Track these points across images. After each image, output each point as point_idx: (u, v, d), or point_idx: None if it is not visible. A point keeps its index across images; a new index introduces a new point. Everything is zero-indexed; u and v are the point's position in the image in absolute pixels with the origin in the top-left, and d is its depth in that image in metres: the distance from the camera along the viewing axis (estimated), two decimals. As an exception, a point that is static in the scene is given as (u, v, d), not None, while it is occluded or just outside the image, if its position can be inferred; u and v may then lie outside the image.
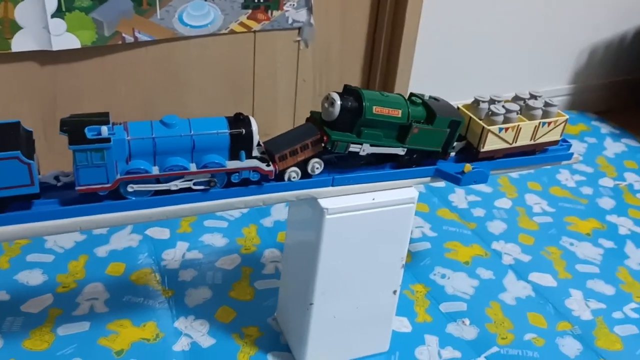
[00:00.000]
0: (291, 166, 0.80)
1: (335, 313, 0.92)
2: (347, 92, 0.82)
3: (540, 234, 1.33)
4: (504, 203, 1.44)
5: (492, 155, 0.92)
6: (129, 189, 0.73)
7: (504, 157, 0.93)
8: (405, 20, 1.49)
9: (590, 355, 1.03)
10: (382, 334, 0.99)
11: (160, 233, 1.23)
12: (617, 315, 1.12)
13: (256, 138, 0.77)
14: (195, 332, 1.00)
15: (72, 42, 1.20)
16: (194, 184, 0.76)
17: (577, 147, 1.71)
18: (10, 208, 0.70)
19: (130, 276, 1.11)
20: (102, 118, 0.72)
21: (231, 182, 0.78)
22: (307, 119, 0.85)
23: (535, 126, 0.92)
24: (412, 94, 0.88)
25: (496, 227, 1.35)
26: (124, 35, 1.25)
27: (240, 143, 0.76)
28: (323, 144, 0.80)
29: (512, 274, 1.21)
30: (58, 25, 1.17)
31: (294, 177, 0.80)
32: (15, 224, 0.70)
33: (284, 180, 0.80)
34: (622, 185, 1.56)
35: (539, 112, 0.93)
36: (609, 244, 1.32)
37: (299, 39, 1.46)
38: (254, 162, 0.77)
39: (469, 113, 0.92)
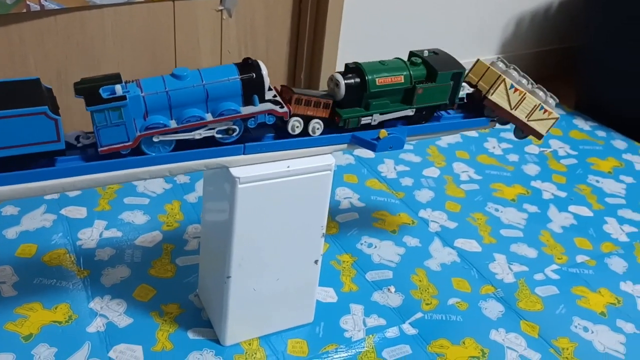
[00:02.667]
0: (300, 115, 0.81)
1: (255, 286, 0.90)
2: (348, 70, 0.85)
3: (466, 201, 1.35)
4: (432, 172, 1.45)
5: (493, 111, 0.95)
6: (154, 140, 0.73)
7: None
8: (331, -13, 1.46)
9: (512, 317, 1.05)
10: (306, 305, 0.98)
11: (77, 212, 1.17)
12: (538, 277, 1.15)
13: (267, 81, 0.77)
14: (112, 312, 0.96)
15: (-31, 10, 1.11)
16: (217, 132, 0.77)
17: (505, 116, 1.73)
18: (36, 164, 0.69)
19: (43, 257, 1.05)
20: (114, 79, 0.72)
21: (248, 129, 0.78)
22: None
23: (536, 105, 0.96)
24: (411, 53, 0.91)
25: (424, 195, 1.35)
26: (28, 2, 1.17)
27: (252, 88, 0.77)
28: (336, 120, 0.84)
29: (438, 240, 1.22)
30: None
31: (297, 127, 0.82)
32: (43, 180, 0.70)
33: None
34: (547, 152, 1.59)
35: (542, 96, 0.98)
36: (533, 208, 1.35)
37: (221, 8, 1.41)
38: (268, 105, 0.78)
39: (487, 64, 0.96)
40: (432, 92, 0.89)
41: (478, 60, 0.99)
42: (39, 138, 0.66)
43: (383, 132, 0.86)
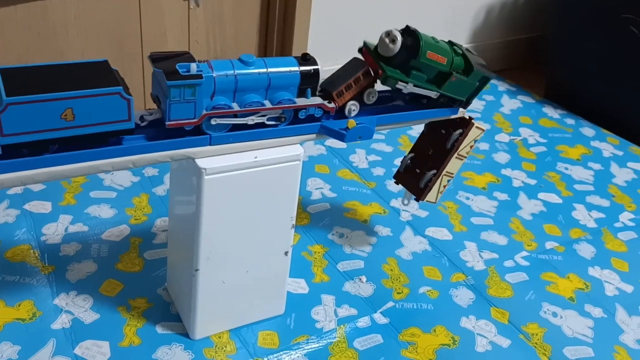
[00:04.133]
0: (348, 100, 0.85)
1: (224, 278, 0.88)
2: (407, 32, 0.86)
3: (438, 190, 1.35)
4: (403, 161, 1.44)
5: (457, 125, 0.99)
6: (212, 122, 0.76)
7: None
8: (299, -24, 1.45)
9: (482, 304, 1.05)
10: (277, 297, 0.97)
11: (41, 207, 1.14)
12: (508, 264, 1.16)
13: (321, 77, 0.82)
14: (77, 308, 0.94)
15: None
16: (267, 119, 0.80)
17: (476, 105, 1.74)
18: (107, 142, 0.72)
19: (5, 253, 1.02)
20: (186, 56, 0.75)
21: (298, 118, 0.83)
22: (359, 49, 0.89)
23: (450, 174, 1.04)
24: (452, 43, 0.92)
25: (395, 185, 1.35)
26: (-14, -9, 1.13)
27: (308, 81, 0.81)
28: (375, 76, 0.85)
29: (409, 229, 1.22)
30: None
31: (354, 110, 0.86)
32: (115, 157, 0.73)
33: (344, 116, 0.86)
34: (517, 140, 1.61)
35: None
36: (503, 196, 1.36)
37: (188, -4, 1.38)
38: (318, 100, 0.83)
39: None
40: (461, 85, 0.92)
41: None
42: (111, 117, 0.69)
43: (352, 122, 0.85)
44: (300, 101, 0.82)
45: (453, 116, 0.98)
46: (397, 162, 1.44)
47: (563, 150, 1.58)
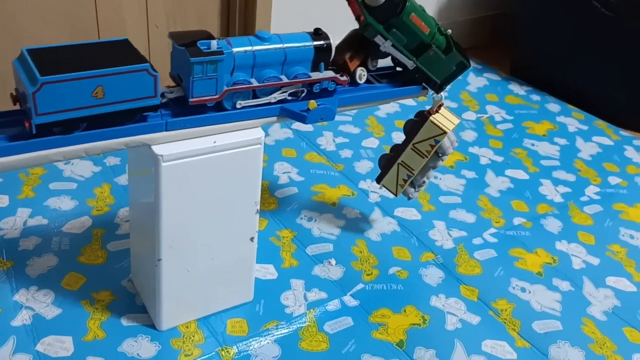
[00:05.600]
0: (357, 67, 0.88)
1: (188, 267, 0.86)
2: None
3: (406, 170, 1.34)
4: (371, 143, 1.44)
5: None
6: (238, 105, 0.80)
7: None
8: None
9: (452, 282, 1.06)
10: (244, 283, 0.95)
11: (-2, 201, 1.11)
12: (477, 241, 1.16)
13: (333, 51, 0.85)
14: (38, 304, 0.91)
15: None
16: (289, 95, 0.83)
17: (442, 84, 1.73)
18: (133, 120, 0.73)
19: (-39, 251, 0.99)
20: (204, 34, 0.77)
21: (313, 92, 0.85)
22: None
23: (414, 171, 1.03)
24: (438, 24, 0.94)
25: (363, 166, 1.34)
26: None
27: (321, 55, 0.84)
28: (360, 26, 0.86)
29: (378, 211, 1.21)
30: None
31: (363, 76, 0.89)
32: (139, 134, 0.74)
33: (356, 83, 0.89)
34: (483, 117, 1.61)
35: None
36: (470, 174, 1.36)
37: (144, -21, 1.34)
38: (331, 73, 0.86)
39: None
40: (437, 63, 0.93)
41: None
42: (138, 94, 0.71)
43: (312, 103, 0.84)
44: (315, 75, 0.84)
45: (416, 95, 0.97)
46: (365, 143, 1.43)
47: (529, 126, 1.59)
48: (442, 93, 0.99)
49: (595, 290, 1.08)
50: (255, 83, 0.80)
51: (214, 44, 0.74)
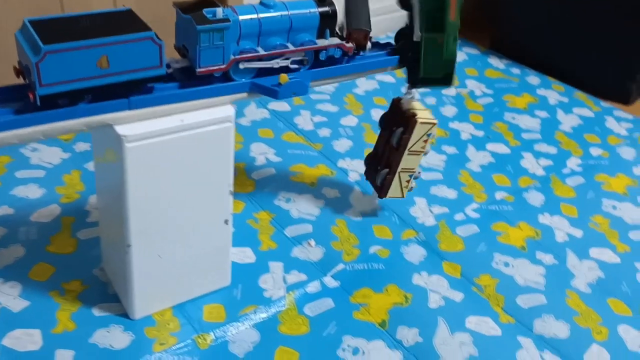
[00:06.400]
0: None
1: (160, 252, 0.83)
2: None
3: (385, 148, 1.32)
4: (350, 121, 1.40)
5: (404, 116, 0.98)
6: (240, 67, 0.78)
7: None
8: None
9: (434, 259, 1.03)
10: (221, 268, 0.92)
11: (-39, 191, 1.06)
12: (458, 217, 1.14)
13: (338, 18, 0.85)
14: (5, 297, 0.87)
15: None
16: (291, 63, 0.82)
17: (421, 59, 1.70)
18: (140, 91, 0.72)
19: None
20: (209, 2, 0.75)
21: (319, 61, 0.84)
22: None
23: (412, 170, 1.03)
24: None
25: (342, 145, 1.31)
26: None
27: (327, 22, 0.83)
28: None
29: (358, 189, 1.18)
30: None
31: (369, 47, 0.88)
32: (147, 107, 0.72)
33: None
34: (463, 92, 1.58)
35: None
36: (451, 149, 1.34)
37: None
38: (337, 40, 0.84)
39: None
40: (434, 55, 0.91)
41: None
42: (143, 64, 0.69)
43: (284, 77, 0.80)
44: (321, 42, 0.83)
45: (392, 68, 0.94)
46: (344, 121, 1.40)
47: (509, 100, 1.56)
48: (414, 92, 0.99)
49: (579, 263, 1.07)
50: (262, 51, 0.79)
51: (219, 12, 0.73)
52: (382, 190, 1.05)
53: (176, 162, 0.77)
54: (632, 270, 1.07)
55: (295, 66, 0.83)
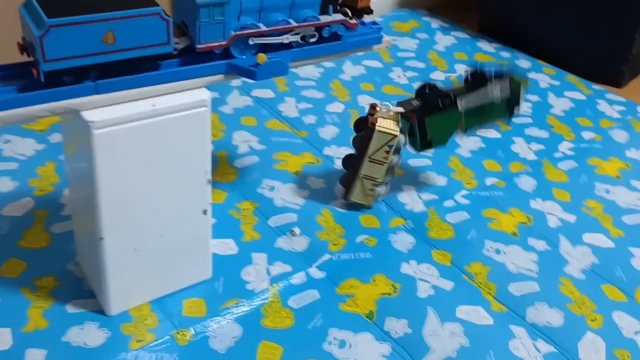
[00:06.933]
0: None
1: (136, 245, 0.79)
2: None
3: (373, 134, 1.28)
4: (336, 107, 1.36)
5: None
6: (250, 42, 0.76)
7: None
8: None
9: (423, 247, 1.00)
10: (201, 260, 0.88)
11: None
12: (448, 204, 1.10)
13: None
14: (-27, 295, 0.83)
15: None
16: (301, 38, 0.80)
17: (409, 44, 1.66)
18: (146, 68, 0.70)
19: None
20: None
21: (322, 37, 0.83)
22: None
23: (375, 178, 1.02)
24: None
25: (328, 132, 1.27)
26: None
27: None
28: None
29: (344, 177, 1.14)
30: None
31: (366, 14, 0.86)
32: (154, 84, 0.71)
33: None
34: (452, 77, 1.54)
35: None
36: (440, 135, 1.30)
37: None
38: (340, 16, 0.82)
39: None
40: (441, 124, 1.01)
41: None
42: (151, 40, 0.68)
43: (262, 57, 0.76)
44: (324, 18, 0.81)
45: (378, 46, 0.90)
46: (330, 107, 1.36)
47: (500, 84, 1.53)
48: (393, 108, 1.00)
49: (572, 248, 1.04)
50: (263, 27, 0.76)
51: None
52: (345, 191, 1.04)
53: (149, 150, 0.73)
54: (626, 255, 1.04)
55: (302, 42, 0.81)
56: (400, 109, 0.99)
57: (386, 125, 0.96)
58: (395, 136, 0.96)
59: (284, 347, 0.82)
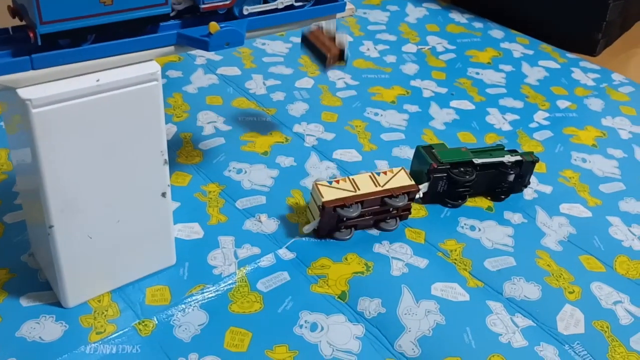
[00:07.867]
0: None
1: (90, 232, 0.74)
2: None
3: (344, 109, 1.24)
4: (305, 83, 1.32)
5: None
6: (244, 12, 0.76)
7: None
8: None
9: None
10: (163, 246, 0.84)
11: None
12: (422, 178, 1.07)
13: None
14: None
15: None
16: (296, 1, 0.80)
17: (380, 16, 1.62)
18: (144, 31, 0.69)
19: None
20: None
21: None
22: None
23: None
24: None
25: (298, 109, 1.23)
26: None
27: None
28: None
29: (315, 155, 1.10)
30: None
31: None
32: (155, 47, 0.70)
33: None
34: (425, 49, 1.50)
35: None
36: (413, 108, 1.26)
37: None
38: None
39: None
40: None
41: None
42: (147, 1, 0.66)
43: (214, 26, 0.71)
44: None
45: (341, 14, 0.85)
46: (299, 83, 1.31)
47: (473, 55, 1.49)
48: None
49: (549, 220, 1.01)
50: None
51: None
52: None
53: (95, 129, 0.68)
54: (604, 224, 1.01)
55: (300, 4, 0.80)
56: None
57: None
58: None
59: (252, 332, 0.78)
